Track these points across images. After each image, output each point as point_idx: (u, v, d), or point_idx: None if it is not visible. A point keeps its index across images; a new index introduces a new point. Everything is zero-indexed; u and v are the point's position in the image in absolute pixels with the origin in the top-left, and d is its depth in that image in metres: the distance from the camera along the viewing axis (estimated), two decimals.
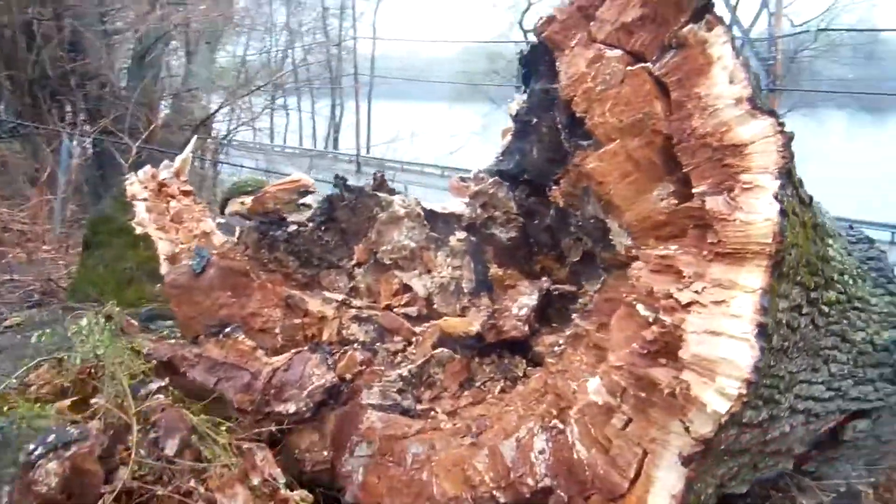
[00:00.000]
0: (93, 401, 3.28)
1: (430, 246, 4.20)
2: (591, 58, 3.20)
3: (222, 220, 7.09)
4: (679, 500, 2.29)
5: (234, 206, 8.24)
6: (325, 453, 3.31)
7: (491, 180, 4.17)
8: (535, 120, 4.06)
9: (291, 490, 3.00)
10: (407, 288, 4.08)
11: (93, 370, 3.52)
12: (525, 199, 4.26)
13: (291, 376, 3.36)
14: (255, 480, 2.89)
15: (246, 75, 25.73)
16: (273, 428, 3.32)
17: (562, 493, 2.75)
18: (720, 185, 2.65)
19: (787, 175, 2.61)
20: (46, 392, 3.64)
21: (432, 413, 3.35)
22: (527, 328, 3.47)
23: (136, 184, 7.41)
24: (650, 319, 2.50)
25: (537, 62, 3.86)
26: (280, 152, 39.55)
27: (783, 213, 2.37)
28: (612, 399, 2.47)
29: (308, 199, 9.45)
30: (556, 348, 3.34)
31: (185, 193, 7.79)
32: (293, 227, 4.01)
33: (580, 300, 3.84)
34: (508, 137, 4.47)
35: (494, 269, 3.99)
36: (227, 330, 3.48)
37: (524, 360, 3.53)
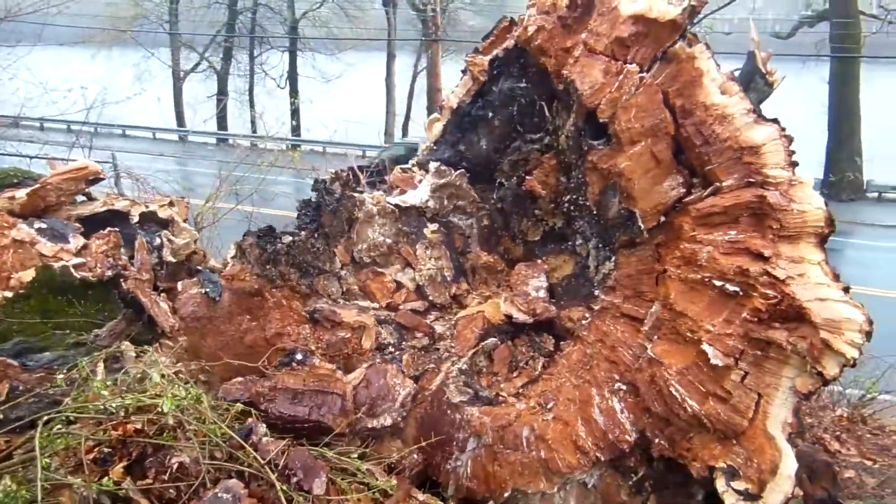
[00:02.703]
0: (178, 460, 2.95)
1: (403, 240, 4.36)
2: (606, 69, 3.69)
3: (43, 225, 6.19)
4: (793, 426, 3.06)
5: None
6: (416, 456, 3.45)
7: (456, 173, 4.44)
8: (490, 114, 4.43)
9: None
10: (399, 284, 4.22)
11: (141, 426, 3.09)
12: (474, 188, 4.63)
13: (377, 391, 3.40)
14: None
15: None
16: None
17: (663, 442, 3.36)
18: (744, 179, 3.41)
19: (794, 167, 3.44)
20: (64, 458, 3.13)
21: (500, 398, 3.68)
22: (554, 308, 3.92)
23: None
24: (739, 292, 3.17)
25: (510, 64, 4.21)
26: None
27: (825, 202, 3.20)
28: (730, 360, 3.11)
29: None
30: (583, 322, 3.87)
31: None
32: (288, 238, 3.85)
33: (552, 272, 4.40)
34: (439, 127, 4.75)
35: (485, 257, 4.32)
36: (299, 357, 3.34)
37: (551, 337, 3.98)
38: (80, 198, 7.96)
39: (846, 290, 3.01)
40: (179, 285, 3.77)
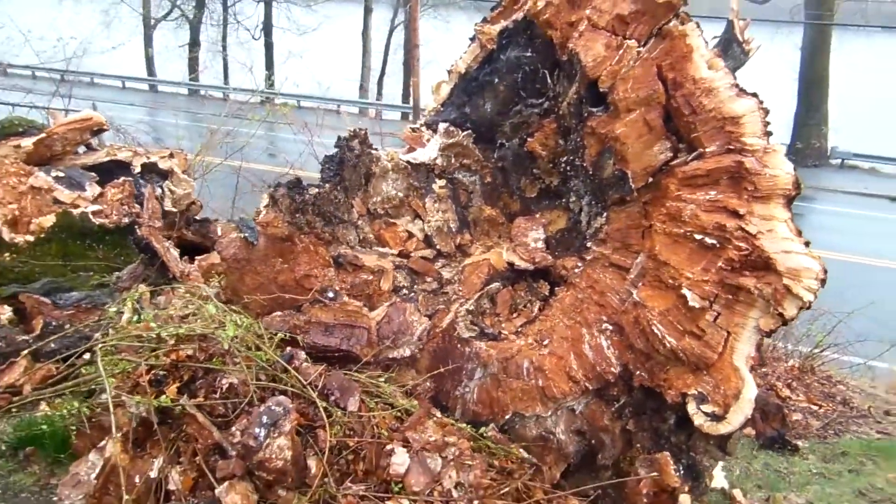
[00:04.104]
0: (227, 381, 3.38)
1: (413, 193, 4.77)
2: (607, 44, 4.09)
3: (60, 174, 6.48)
4: (756, 359, 3.58)
5: (2, 149, 7.26)
6: (428, 384, 3.92)
7: (463, 133, 4.84)
8: (496, 80, 4.82)
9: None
10: (410, 234, 4.65)
11: (192, 352, 3.50)
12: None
13: (398, 326, 3.85)
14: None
15: None
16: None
17: (643, 374, 3.87)
18: (725, 146, 3.87)
19: (769, 136, 3.90)
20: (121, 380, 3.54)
21: (502, 335, 4.15)
22: (550, 257, 4.38)
23: None
24: (717, 244, 3.66)
25: (518, 35, 4.59)
26: None
27: (793, 168, 3.68)
28: (705, 303, 3.62)
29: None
30: (576, 270, 4.34)
31: None
32: (314, 190, 4.23)
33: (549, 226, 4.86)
34: (446, 90, 5.13)
35: (489, 210, 4.76)
36: (331, 295, 3.77)
37: (546, 283, 4.46)
38: (81, 148, 8.20)
39: (807, 244, 3.51)
40: (219, 230, 4.14)
